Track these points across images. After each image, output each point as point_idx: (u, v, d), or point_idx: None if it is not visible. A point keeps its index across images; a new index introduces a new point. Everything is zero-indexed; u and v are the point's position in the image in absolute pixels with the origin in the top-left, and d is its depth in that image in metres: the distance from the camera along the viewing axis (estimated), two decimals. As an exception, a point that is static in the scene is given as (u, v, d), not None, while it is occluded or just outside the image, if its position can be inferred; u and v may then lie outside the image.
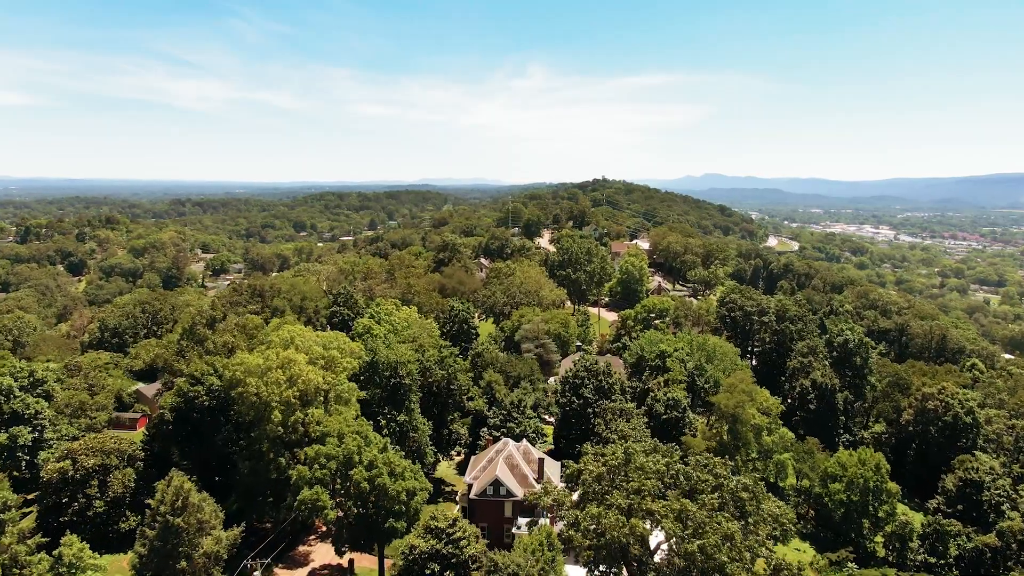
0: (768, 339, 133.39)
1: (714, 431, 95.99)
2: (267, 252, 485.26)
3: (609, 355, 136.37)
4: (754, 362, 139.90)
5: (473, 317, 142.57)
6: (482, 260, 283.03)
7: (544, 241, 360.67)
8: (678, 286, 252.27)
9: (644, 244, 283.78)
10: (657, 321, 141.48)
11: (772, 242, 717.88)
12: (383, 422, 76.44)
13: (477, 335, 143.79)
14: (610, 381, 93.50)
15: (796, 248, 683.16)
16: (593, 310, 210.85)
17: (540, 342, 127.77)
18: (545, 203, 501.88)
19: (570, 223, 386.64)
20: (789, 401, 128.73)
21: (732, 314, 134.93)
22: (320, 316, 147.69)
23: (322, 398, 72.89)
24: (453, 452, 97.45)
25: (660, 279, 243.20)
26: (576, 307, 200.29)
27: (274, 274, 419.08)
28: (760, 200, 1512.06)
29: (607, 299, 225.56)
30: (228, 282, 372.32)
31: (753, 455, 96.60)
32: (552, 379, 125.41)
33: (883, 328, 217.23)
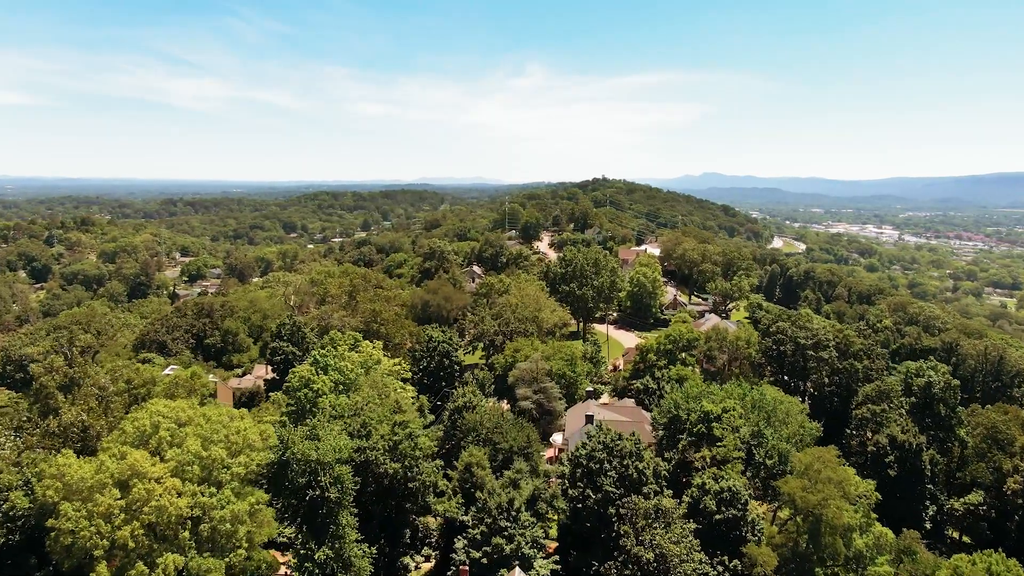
0: (828, 380, 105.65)
1: (785, 533, 68.36)
2: (249, 256, 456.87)
3: (628, 399, 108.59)
4: (806, 403, 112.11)
5: (457, 350, 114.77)
6: (475, 268, 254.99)
7: (543, 245, 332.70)
8: (694, 298, 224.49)
9: (654, 250, 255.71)
10: (684, 354, 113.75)
11: (777, 243, 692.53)
12: (293, 560, 48.85)
13: (461, 371, 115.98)
14: (640, 466, 65.59)
15: (803, 249, 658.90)
16: (600, 328, 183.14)
17: (540, 386, 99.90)
18: (544, 203, 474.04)
19: (571, 225, 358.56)
20: (853, 456, 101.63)
21: (780, 347, 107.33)
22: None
23: (188, 535, 45.20)
24: (420, 558, 69.74)
25: (675, 291, 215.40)
26: (580, 325, 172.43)
27: (255, 280, 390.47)
28: (760, 199, 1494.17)
29: (615, 314, 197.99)
30: (202, 290, 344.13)
31: (839, 564, 69.02)
32: (557, 436, 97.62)
33: (927, 347, 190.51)
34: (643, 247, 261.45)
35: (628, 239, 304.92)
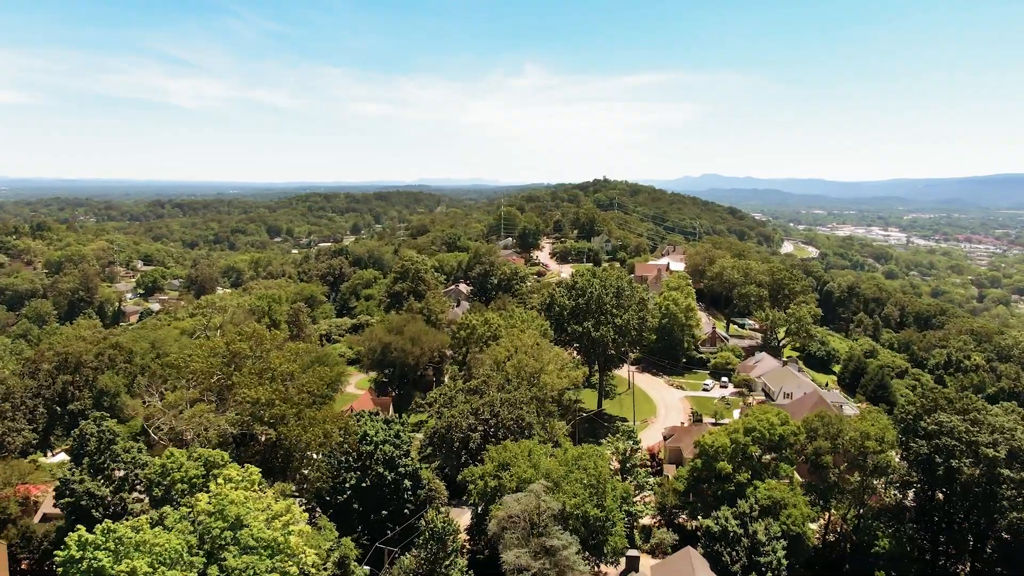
0: (1018, 516, 62.06)
1: None
2: (220, 264, 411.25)
3: (691, 551, 64.67)
4: (969, 541, 68.43)
5: (408, 454, 70.91)
6: (461, 287, 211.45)
7: (544, 254, 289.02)
8: (732, 326, 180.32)
9: (677, 264, 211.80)
10: (772, 457, 70.43)
11: (788, 247, 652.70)
12: None
13: (415, 487, 71.79)
14: None
15: (816, 254, 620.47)
16: (622, 374, 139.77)
17: (544, 544, 56.26)
18: (544, 206, 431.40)
19: (575, 232, 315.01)
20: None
21: (948, 460, 63.91)
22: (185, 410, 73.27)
23: None
24: None
25: (710, 320, 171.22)
26: (596, 373, 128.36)
27: (224, 289, 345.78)
28: (760, 201, 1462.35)
29: (635, 350, 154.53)
30: (159, 305, 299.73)
31: None
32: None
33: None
34: (664, 261, 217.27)
35: (643, 249, 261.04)
